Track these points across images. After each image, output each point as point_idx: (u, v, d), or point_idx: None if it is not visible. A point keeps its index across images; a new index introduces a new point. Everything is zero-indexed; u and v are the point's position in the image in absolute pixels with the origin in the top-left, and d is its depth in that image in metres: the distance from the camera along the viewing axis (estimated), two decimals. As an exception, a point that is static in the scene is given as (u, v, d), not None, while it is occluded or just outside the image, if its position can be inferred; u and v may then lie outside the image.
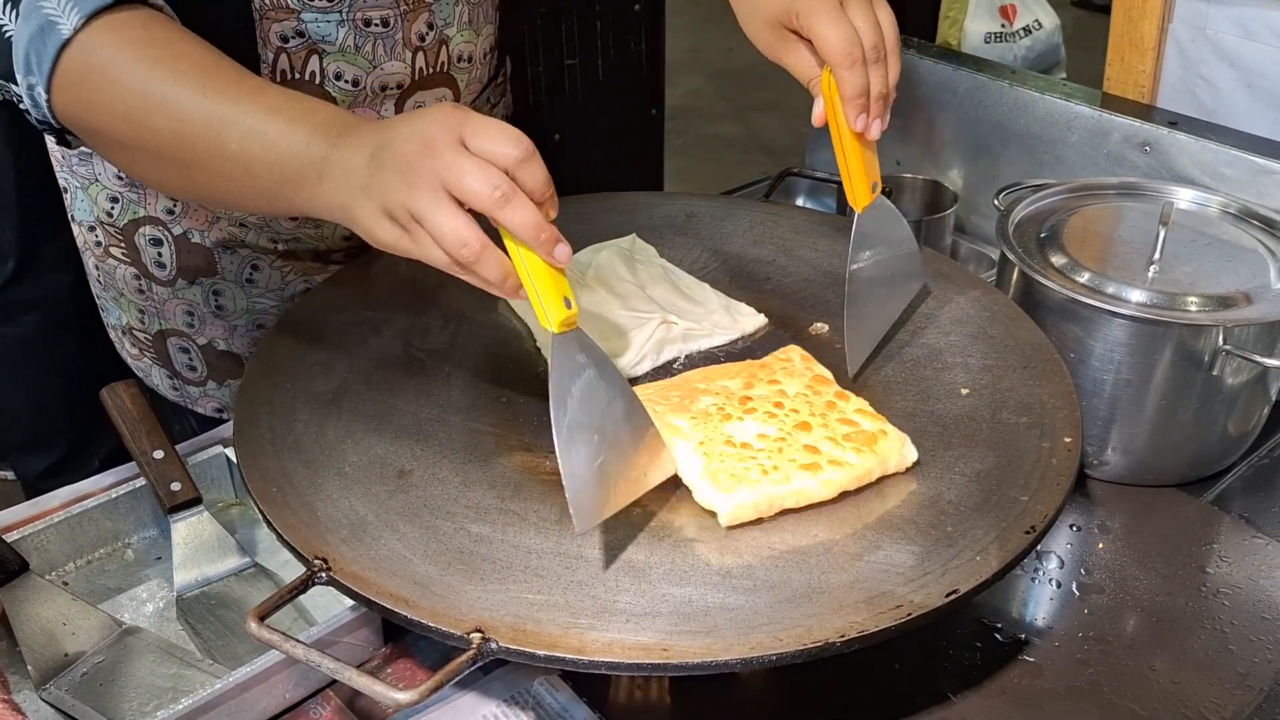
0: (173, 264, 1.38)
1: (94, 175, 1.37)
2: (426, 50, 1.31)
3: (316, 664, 0.84)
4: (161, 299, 1.42)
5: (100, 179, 1.37)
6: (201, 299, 1.41)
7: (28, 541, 1.13)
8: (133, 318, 1.47)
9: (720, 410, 1.09)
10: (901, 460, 1.05)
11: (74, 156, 1.37)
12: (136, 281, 1.43)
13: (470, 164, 0.86)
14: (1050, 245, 1.28)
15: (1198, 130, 1.45)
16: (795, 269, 1.37)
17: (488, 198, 0.87)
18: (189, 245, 1.37)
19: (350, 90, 1.28)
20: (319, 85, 1.26)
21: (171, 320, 1.44)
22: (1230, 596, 1.12)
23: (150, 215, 1.36)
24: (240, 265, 1.39)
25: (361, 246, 1.31)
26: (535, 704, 1.01)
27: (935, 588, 0.92)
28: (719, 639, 0.87)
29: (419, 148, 0.87)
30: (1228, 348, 1.16)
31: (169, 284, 1.41)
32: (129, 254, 1.40)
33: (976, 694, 1.03)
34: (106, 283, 1.47)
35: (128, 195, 1.36)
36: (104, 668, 1.06)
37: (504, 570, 0.94)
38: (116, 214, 1.38)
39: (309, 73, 1.26)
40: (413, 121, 0.90)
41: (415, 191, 0.87)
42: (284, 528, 0.97)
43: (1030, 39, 2.82)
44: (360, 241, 0.99)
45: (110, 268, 1.44)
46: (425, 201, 0.87)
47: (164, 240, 1.37)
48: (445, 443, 1.09)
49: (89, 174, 1.38)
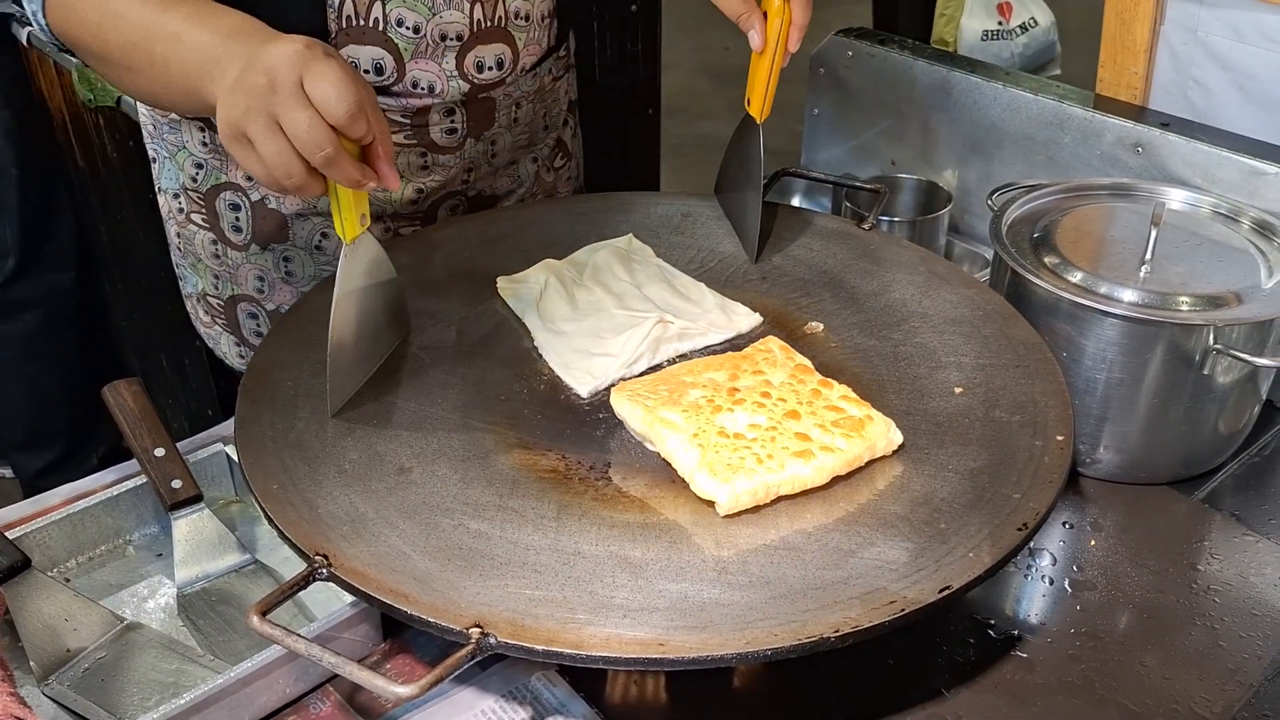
0: (249, 229, 1.46)
1: (181, 143, 1.45)
2: (484, 2, 1.35)
3: (318, 659, 0.85)
4: (235, 264, 1.50)
5: (187, 146, 1.44)
6: (273, 264, 1.48)
7: (30, 538, 1.13)
8: (208, 284, 1.54)
9: (710, 402, 1.10)
10: (889, 443, 1.08)
11: (165, 125, 1.45)
12: (213, 246, 1.50)
13: (302, 117, 0.94)
14: (1043, 245, 1.30)
15: (1189, 131, 1.46)
16: (791, 268, 1.37)
17: (311, 157, 0.95)
18: (265, 211, 1.44)
19: (412, 37, 1.33)
20: (382, 31, 1.32)
21: (243, 285, 1.51)
22: (1221, 593, 1.13)
23: (231, 181, 1.44)
24: (311, 232, 1.46)
25: (426, 212, 1.44)
26: (533, 699, 1.02)
27: (929, 584, 0.93)
28: (715, 634, 0.88)
29: (265, 81, 0.94)
30: (1218, 347, 1.17)
31: (243, 248, 1.48)
32: (209, 219, 1.48)
33: (969, 689, 1.04)
34: (185, 249, 1.55)
35: (211, 162, 1.44)
36: (106, 663, 1.07)
37: (502, 566, 0.95)
38: (200, 179, 1.45)
39: (373, 18, 1.31)
40: (270, 49, 0.96)
41: (252, 119, 0.95)
42: (285, 524, 0.98)
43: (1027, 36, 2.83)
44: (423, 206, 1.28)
45: (190, 233, 1.51)
46: (259, 131, 0.95)
47: (241, 205, 1.45)
48: (444, 440, 1.10)
49: (177, 141, 1.45)
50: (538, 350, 1.24)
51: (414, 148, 1.41)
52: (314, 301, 1.29)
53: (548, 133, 1.57)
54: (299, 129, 0.93)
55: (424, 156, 1.42)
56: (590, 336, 1.24)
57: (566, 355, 1.22)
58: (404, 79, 1.35)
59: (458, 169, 1.46)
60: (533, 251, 1.38)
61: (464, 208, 1.51)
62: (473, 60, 1.37)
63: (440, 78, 1.36)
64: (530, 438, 1.12)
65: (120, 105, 2.16)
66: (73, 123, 2.46)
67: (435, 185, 1.45)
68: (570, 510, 1.02)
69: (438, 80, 1.36)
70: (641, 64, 2.71)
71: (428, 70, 1.35)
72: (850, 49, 1.77)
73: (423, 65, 1.34)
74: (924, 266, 1.35)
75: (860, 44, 1.76)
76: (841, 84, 1.80)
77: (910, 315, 1.28)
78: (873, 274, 1.35)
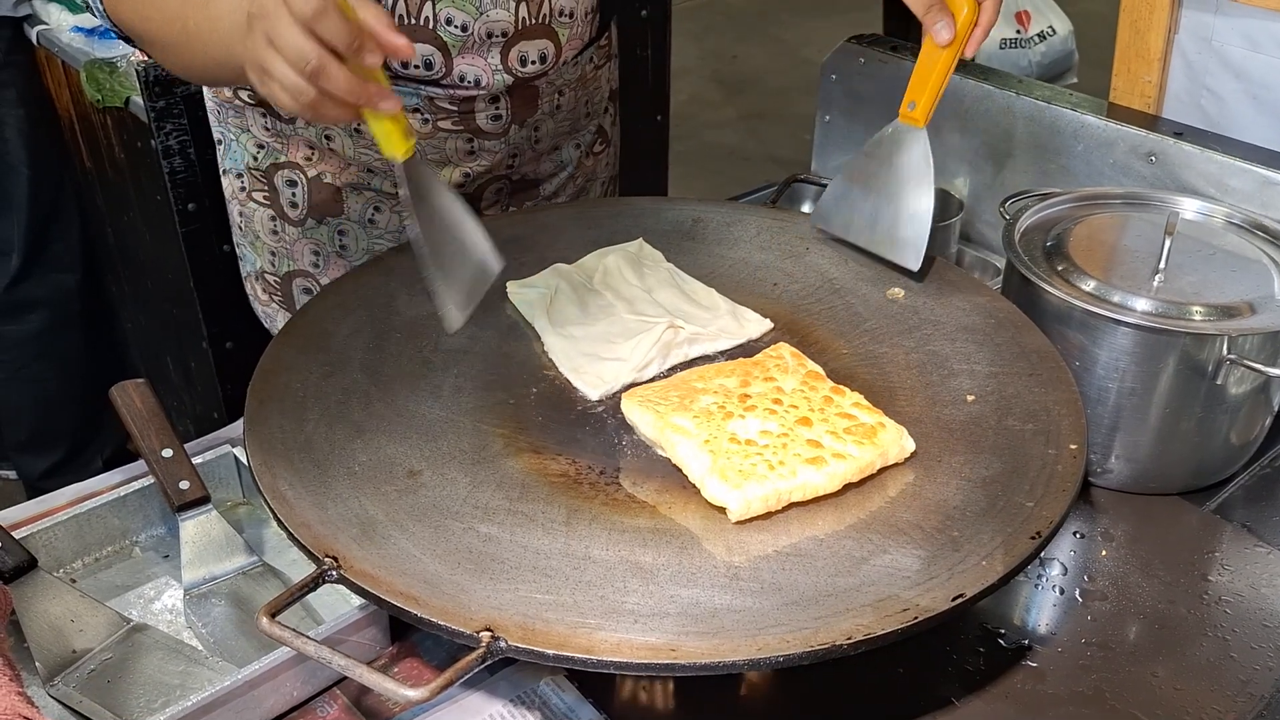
0: (304, 203, 1.51)
1: (245, 125, 1.51)
2: (530, 0, 1.38)
3: (327, 661, 0.85)
4: (292, 239, 1.55)
5: (250, 129, 1.51)
6: (328, 239, 1.54)
7: (36, 539, 1.13)
8: (265, 261, 1.60)
9: (721, 409, 1.10)
10: (901, 451, 1.08)
11: (229, 109, 1.52)
12: (272, 223, 1.56)
13: (288, 32, 0.95)
14: (1056, 254, 1.29)
15: (1203, 141, 1.46)
16: (802, 275, 1.37)
17: (302, 71, 0.96)
18: (320, 185, 1.50)
19: (460, 35, 1.36)
20: (432, 29, 1.35)
21: (299, 261, 1.56)
22: (1232, 604, 1.13)
23: (290, 160, 1.50)
24: (364, 206, 1.51)
25: (472, 195, 1.51)
26: (541, 704, 1.01)
27: (941, 592, 0.92)
28: (727, 640, 0.88)
29: (258, 12, 0.98)
30: (1231, 357, 1.17)
31: (299, 223, 1.54)
32: (268, 196, 1.54)
33: (979, 698, 1.03)
34: (245, 228, 1.60)
35: (272, 144, 1.50)
36: (112, 664, 1.06)
37: (513, 570, 0.95)
38: (261, 159, 1.52)
39: (424, 17, 1.35)
40: None
41: (257, 52, 0.99)
42: (294, 526, 0.98)
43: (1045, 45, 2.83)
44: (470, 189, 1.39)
45: (250, 211, 1.57)
46: (268, 58, 0.98)
47: (298, 181, 1.50)
48: (454, 444, 1.10)
49: (241, 124, 1.52)
50: (548, 354, 1.23)
51: (460, 133, 1.45)
52: (320, 305, 1.29)
53: (589, 119, 1.61)
54: (286, 44, 0.96)
55: (470, 142, 1.46)
56: (600, 341, 1.24)
57: (576, 359, 1.21)
58: (451, 73, 1.39)
59: (503, 154, 1.50)
60: (543, 256, 1.38)
61: (507, 190, 1.56)
62: (516, 55, 1.40)
63: (486, 71, 1.39)
64: (540, 442, 1.11)
65: (129, 105, 2.16)
66: (80, 123, 2.46)
67: (481, 170, 1.50)
68: (580, 515, 1.02)
69: (483, 74, 1.40)
70: (650, 71, 2.71)
71: (474, 65, 1.39)
72: (862, 56, 1.77)
73: (469, 60, 1.38)
74: (936, 274, 1.35)
75: (872, 51, 1.76)
76: (853, 91, 1.80)
77: (922, 322, 1.27)
78: (884, 281, 1.35)
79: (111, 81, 2.19)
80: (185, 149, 2.07)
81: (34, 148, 2.48)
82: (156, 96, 2.01)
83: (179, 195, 2.09)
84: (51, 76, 2.47)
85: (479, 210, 1.53)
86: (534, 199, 1.60)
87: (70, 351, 2.68)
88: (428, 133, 1.44)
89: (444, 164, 1.47)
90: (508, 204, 1.57)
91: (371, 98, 1.01)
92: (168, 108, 2.03)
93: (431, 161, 1.40)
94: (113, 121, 2.29)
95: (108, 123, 2.31)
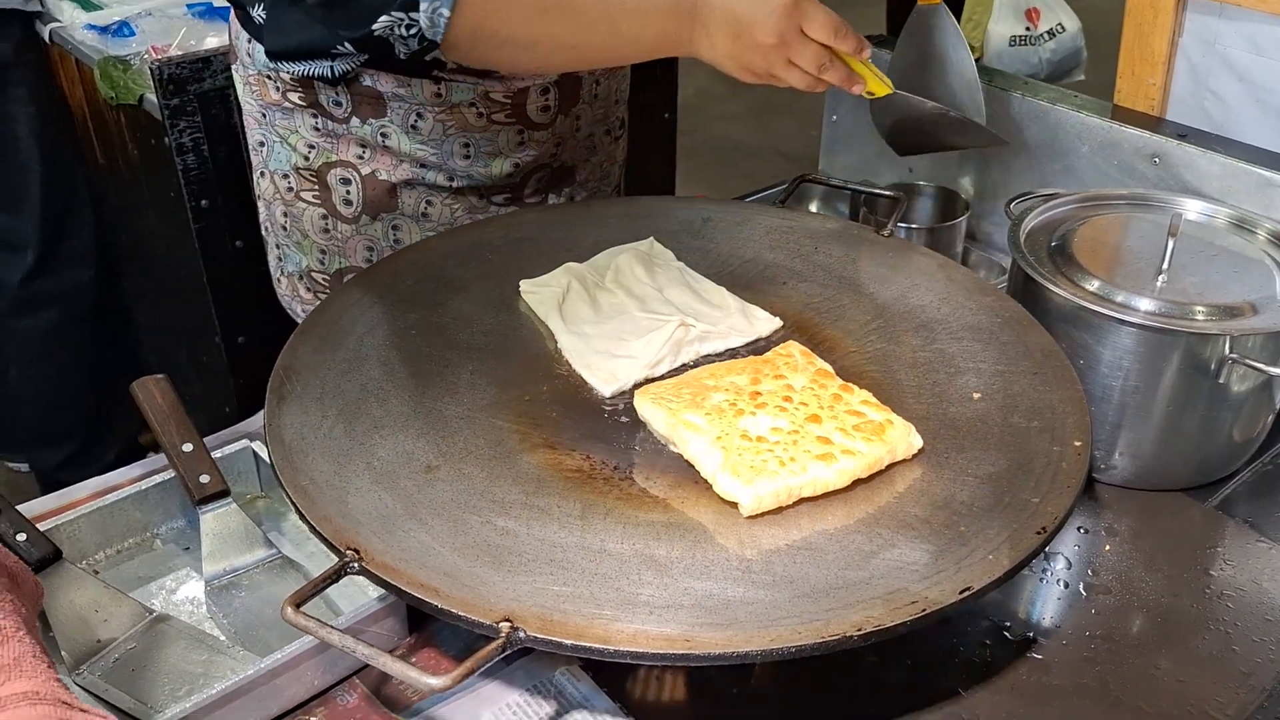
0: (359, 200, 1.54)
1: (294, 127, 1.54)
2: None
3: (351, 650, 0.87)
4: (344, 237, 1.58)
5: (299, 130, 1.53)
6: (382, 234, 1.56)
7: (60, 531, 1.15)
8: (314, 260, 1.62)
9: (732, 405, 1.12)
10: (909, 447, 1.10)
11: (276, 112, 1.54)
12: (323, 221, 1.58)
13: (808, 52, 1.28)
14: (1060, 254, 1.31)
15: (1207, 143, 1.48)
16: (811, 273, 1.39)
17: (818, 73, 1.30)
18: (375, 182, 1.53)
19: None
20: None
21: (352, 258, 1.59)
22: (1234, 599, 1.15)
23: (342, 159, 1.53)
24: (417, 201, 1.54)
25: (518, 184, 1.57)
26: (557, 693, 1.03)
27: (949, 585, 0.94)
28: (740, 631, 0.90)
29: (776, 41, 1.26)
30: (1234, 356, 1.19)
31: (354, 221, 1.56)
32: (320, 195, 1.56)
33: (986, 689, 1.05)
34: (292, 228, 1.62)
35: (323, 144, 1.53)
36: (136, 654, 1.08)
37: (530, 563, 0.97)
38: (312, 158, 1.54)
39: None
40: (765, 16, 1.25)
41: (774, 65, 1.29)
42: (316, 520, 1.00)
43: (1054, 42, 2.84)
44: (517, 179, 1.53)
45: (299, 211, 1.59)
46: (781, 69, 1.30)
47: (352, 179, 1.53)
48: (470, 439, 1.12)
49: (289, 126, 1.54)
50: (560, 352, 1.25)
51: (513, 125, 1.51)
52: (337, 303, 1.31)
53: (618, 106, 1.67)
54: (807, 60, 1.28)
55: (521, 133, 1.52)
56: (612, 339, 1.26)
57: (589, 357, 1.23)
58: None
59: (549, 144, 1.56)
60: (554, 254, 1.40)
61: (548, 178, 1.60)
62: None
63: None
64: (554, 438, 1.13)
65: (142, 103, 2.18)
66: (93, 120, 2.48)
67: (529, 160, 1.55)
68: (595, 509, 1.04)
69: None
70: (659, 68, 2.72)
71: None
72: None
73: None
74: (942, 273, 1.37)
75: (879, 51, 1.78)
76: (860, 92, 1.81)
77: (929, 321, 1.29)
78: (891, 280, 1.37)
79: (125, 79, 2.20)
80: (199, 146, 2.08)
81: (46, 145, 2.49)
82: (170, 94, 2.03)
83: (192, 192, 2.11)
84: (65, 74, 2.49)
85: (521, 199, 1.59)
86: (570, 185, 1.64)
87: (84, 346, 2.69)
88: (482, 126, 1.49)
89: (496, 155, 1.52)
90: (547, 193, 1.62)
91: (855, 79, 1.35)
92: (181, 105, 2.04)
93: (487, 153, 1.51)
94: (126, 119, 2.31)
95: (121, 120, 2.33)
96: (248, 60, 1.52)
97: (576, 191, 1.65)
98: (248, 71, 1.54)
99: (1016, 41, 2.82)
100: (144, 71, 2.16)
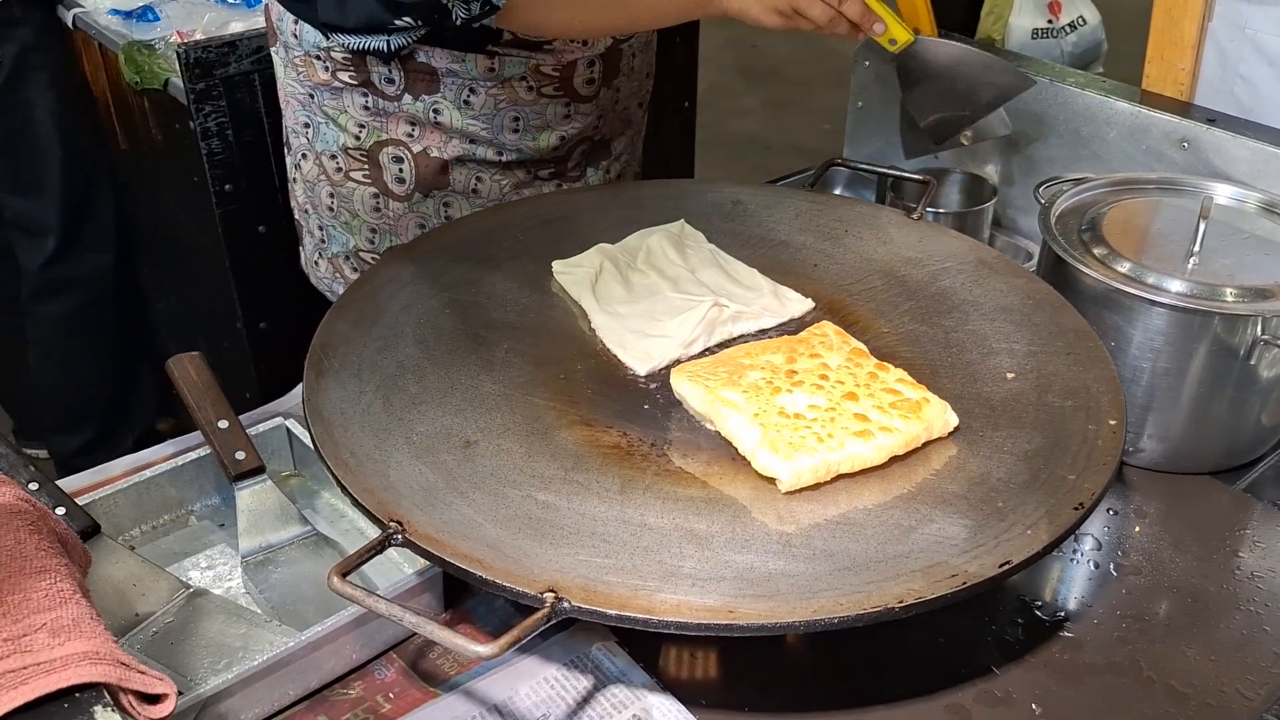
0: (412, 178, 1.56)
1: (343, 107, 1.55)
2: None
3: (398, 618, 0.88)
4: (396, 215, 1.60)
5: (349, 110, 1.55)
6: (433, 211, 1.59)
7: (97, 505, 1.16)
8: (363, 240, 1.64)
9: (769, 384, 1.12)
10: (945, 425, 1.10)
11: (325, 92, 1.55)
12: (374, 200, 1.59)
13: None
14: (1091, 237, 1.31)
15: (1236, 127, 1.48)
16: (842, 255, 1.40)
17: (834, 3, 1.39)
18: (427, 159, 1.55)
19: None
20: None
21: (403, 235, 1.61)
22: (1264, 580, 1.15)
23: (393, 138, 1.54)
24: (468, 177, 1.57)
25: (563, 157, 1.61)
26: (594, 667, 1.04)
27: (989, 559, 0.95)
28: (782, 602, 0.91)
29: None
30: (1265, 338, 1.19)
31: (406, 199, 1.58)
32: (371, 174, 1.58)
33: (1019, 666, 1.06)
34: (339, 208, 1.63)
35: (372, 124, 1.55)
36: (174, 627, 1.09)
37: (572, 535, 0.98)
38: (363, 138, 1.56)
39: None
40: None
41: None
42: (359, 492, 1.00)
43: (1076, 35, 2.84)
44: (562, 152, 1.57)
45: (348, 191, 1.60)
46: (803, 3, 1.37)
47: (404, 158, 1.55)
48: (507, 416, 1.13)
49: (338, 106, 1.55)
50: (594, 331, 1.26)
51: (560, 98, 1.55)
52: (373, 281, 1.31)
53: (648, 80, 1.70)
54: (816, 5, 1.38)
55: (568, 106, 1.56)
56: (646, 318, 1.26)
57: (623, 336, 1.24)
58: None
59: (592, 115, 1.60)
60: (587, 236, 1.40)
61: (588, 151, 1.63)
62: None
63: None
64: (591, 415, 1.14)
65: (167, 87, 2.18)
66: (116, 104, 2.48)
67: (574, 133, 1.59)
68: (634, 485, 1.05)
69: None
70: (681, 56, 2.72)
71: None
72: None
73: None
74: (973, 256, 1.37)
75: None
76: (885, 77, 1.82)
77: (961, 303, 1.30)
78: (922, 262, 1.37)
79: (150, 63, 2.21)
80: (224, 130, 2.09)
81: (66, 130, 2.50)
82: (196, 78, 2.03)
83: (216, 176, 2.12)
84: (88, 59, 2.50)
85: (565, 173, 1.63)
86: (607, 159, 1.67)
87: (104, 332, 2.70)
88: (531, 100, 1.51)
89: (544, 129, 1.55)
90: (586, 166, 1.65)
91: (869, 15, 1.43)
92: (207, 89, 2.05)
93: (536, 126, 1.55)
94: (150, 103, 2.31)
95: (145, 104, 2.34)
96: (293, 42, 1.53)
97: (612, 166, 1.68)
98: (292, 53, 1.54)
99: (1038, 34, 2.82)
100: (170, 55, 2.17)
